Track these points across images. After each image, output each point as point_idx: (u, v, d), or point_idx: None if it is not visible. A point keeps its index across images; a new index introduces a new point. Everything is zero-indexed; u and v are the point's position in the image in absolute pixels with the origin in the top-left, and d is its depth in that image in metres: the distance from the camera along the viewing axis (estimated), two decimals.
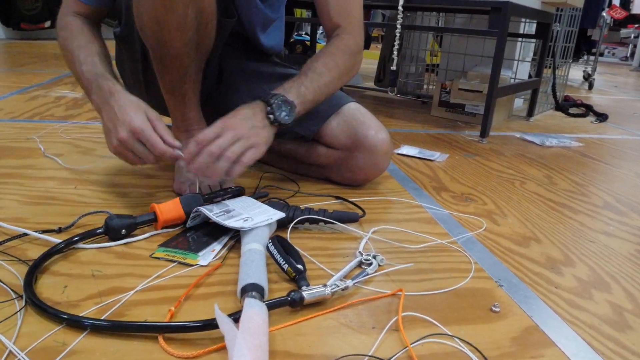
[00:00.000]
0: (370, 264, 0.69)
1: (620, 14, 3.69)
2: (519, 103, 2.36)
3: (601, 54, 6.86)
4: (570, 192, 1.13)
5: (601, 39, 3.70)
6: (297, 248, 0.70)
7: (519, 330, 0.58)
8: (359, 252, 0.73)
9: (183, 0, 0.77)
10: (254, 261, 0.61)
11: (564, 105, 2.31)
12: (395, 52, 1.66)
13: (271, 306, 0.55)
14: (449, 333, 0.56)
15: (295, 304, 0.57)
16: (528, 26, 2.12)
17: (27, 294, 0.56)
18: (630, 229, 0.93)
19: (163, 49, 0.82)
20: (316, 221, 0.80)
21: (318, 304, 0.59)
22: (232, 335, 0.47)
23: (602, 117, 2.17)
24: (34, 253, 0.66)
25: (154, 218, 0.74)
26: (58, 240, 0.68)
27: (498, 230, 0.88)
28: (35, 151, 1.12)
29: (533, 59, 2.28)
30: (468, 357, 0.52)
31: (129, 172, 1.02)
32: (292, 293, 0.57)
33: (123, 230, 0.72)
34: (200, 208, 0.75)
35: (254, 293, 0.55)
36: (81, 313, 0.55)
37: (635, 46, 6.79)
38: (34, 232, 0.71)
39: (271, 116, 0.81)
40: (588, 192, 1.14)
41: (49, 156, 1.08)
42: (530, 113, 2.07)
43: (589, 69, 3.56)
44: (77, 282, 0.61)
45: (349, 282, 0.63)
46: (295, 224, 0.80)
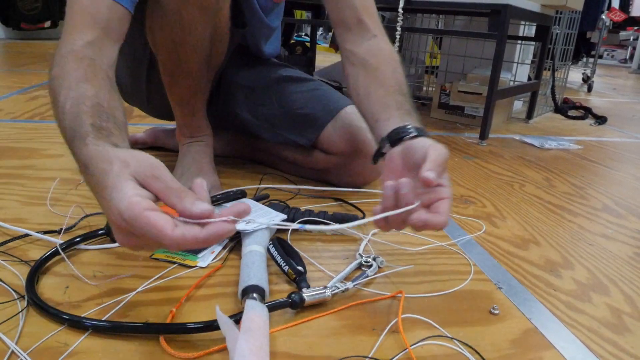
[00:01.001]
0: (370, 266, 0.69)
1: (619, 17, 3.70)
2: (518, 105, 2.37)
3: (600, 57, 6.86)
4: (569, 195, 1.13)
5: (600, 42, 3.71)
6: (298, 250, 0.70)
7: (518, 332, 0.59)
8: (359, 254, 0.73)
9: (201, 20, 0.76)
10: (255, 263, 0.62)
11: (563, 107, 2.32)
12: None
13: (272, 308, 0.55)
14: (449, 335, 0.57)
15: (295, 306, 0.57)
16: (527, 29, 2.12)
17: (29, 295, 0.56)
18: (629, 232, 0.93)
19: (176, 67, 0.81)
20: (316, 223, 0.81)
21: (318, 306, 0.60)
22: (234, 336, 0.47)
23: (601, 120, 2.18)
24: (36, 254, 0.66)
25: None
26: (60, 240, 0.69)
27: (497, 232, 0.88)
28: (36, 151, 1.12)
29: (532, 62, 2.29)
30: (467, 359, 0.53)
31: None
32: (293, 295, 0.58)
33: None
34: None
35: (255, 295, 0.55)
36: (83, 314, 0.55)
37: (634, 48, 6.80)
38: (36, 233, 0.71)
39: None
40: (587, 195, 1.14)
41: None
42: (529, 115, 2.07)
43: (588, 72, 3.57)
44: (79, 283, 0.61)
45: (349, 284, 0.63)
46: None
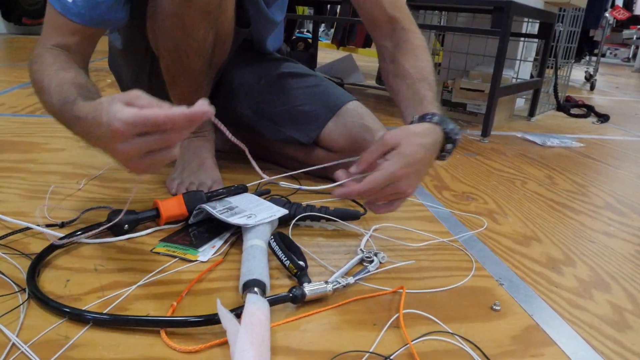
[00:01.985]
0: (371, 262, 0.69)
1: (623, 15, 3.68)
2: (521, 103, 2.36)
3: (603, 55, 6.85)
4: (571, 193, 1.13)
5: (603, 40, 3.70)
6: (299, 245, 0.70)
7: (520, 329, 0.59)
8: (361, 250, 0.73)
9: (204, 24, 0.75)
10: (256, 257, 0.62)
11: (566, 105, 2.31)
12: None
13: (273, 302, 0.55)
14: (450, 331, 0.56)
15: (296, 300, 0.57)
16: (531, 26, 2.12)
17: (30, 288, 0.56)
18: (630, 230, 0.93)
19: (178, 69, 0.80)
20: (318, 218, 0.81)
21: (319, 301, 0.60)
22: (234, 330, 0.47)
23: (604, 118, 2.17)
24: (37, 247, 0.66)
25: (157, 214, 0.75)
26: (60, 234, 0.69)
27: (499, 229, 0.88)
28: (37, 146, 1.12)
29: (535, 59, 2.28)
30: (469, 355, 0.53)
31: None
32: (294, 289, 0.57)
33: (125, 225, 0.72)
34: (203, 205, 0.75)
35: (256, 289, 0.55)
36: (83, 307, 0.55)
37: (637, 47, 6.78)
38: (37, 226, 0.71)
39: (449, 147, 0.72)
40: (589, 193, 1.14)
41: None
42: (531, 113, 2.07)
43: (591, 70, 3.56)
44: (80, 276, 0.61)
45: (350, 279, 0.63)
46: (296, 221, 0.80)
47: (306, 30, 5.30)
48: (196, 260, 0.67)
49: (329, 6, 3.66)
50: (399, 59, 0.81)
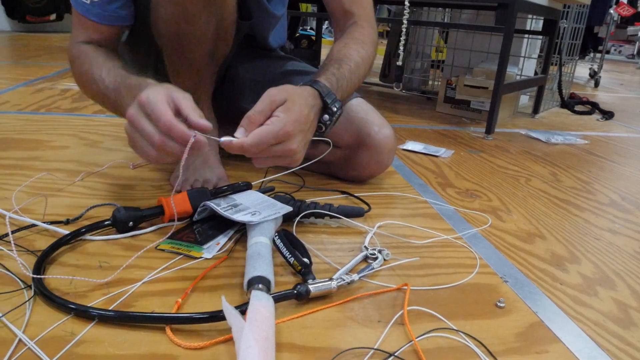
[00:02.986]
0: (375, 259, 0.69)
1: (627, 11, 3.66)
2: (525, 100, 2.35)
3: (607, 52, 6.81)
4: (575, 190, 1.12)
5: (608, 37, 3.68)
6: (303, 242, 0.70)
7: (524, 325, 0.59)
8: (365, 247, 0.73)
9: (205, 12, 0.76)
10: (261, 254, 0.62)
11: (570, 102, 2.31)
12: (401, 48, 1.65)
13: (277, 299, 0.55)
14: (454, 328, 0.56)
15: (301, 297, 0.57)
16: (535, 23, 2.11)
17: (36, 284, 0.57)
18: (635, 227, 0.93)
19: (180, 58, 0.81)
20: (322, 215, 0.81)
21: (324, 297, 0.60)
22: (239, 327, 0.47)
23: (608, 115, 2.16)
24: (42, 244, 0.67)
25: (161, 211, 0.75)
26: (66, 231, 0.69)
27: (503, 226, 0.88)
28: (41, 143, 1.12)
29: (539, 56, 2.27)
30: (473, 352, 0.53)
31: (137, 164, 1.02)
32: (299, 286, 0.58)
33: (130, 222, 0.72)
34: (207, 202, 0.76)
35: (261, 285, 0.55)
36: (89, 304, 0.55)
37: None
38: (43, 223, 0.72)
39: (326, 118, 0.75)
40: (593, 190, 1.13)
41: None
42: (535, 110, 2.06)
43: (595, 67, 3.54)
44: (85, 273, 0.62)
45: (355, 276, 0.63)
46: (301, 218, 0.80)
47: (310, 27, 5.29)
48: (201, 257, 0.68)
49: None
50: (334, 46, 0.87)
